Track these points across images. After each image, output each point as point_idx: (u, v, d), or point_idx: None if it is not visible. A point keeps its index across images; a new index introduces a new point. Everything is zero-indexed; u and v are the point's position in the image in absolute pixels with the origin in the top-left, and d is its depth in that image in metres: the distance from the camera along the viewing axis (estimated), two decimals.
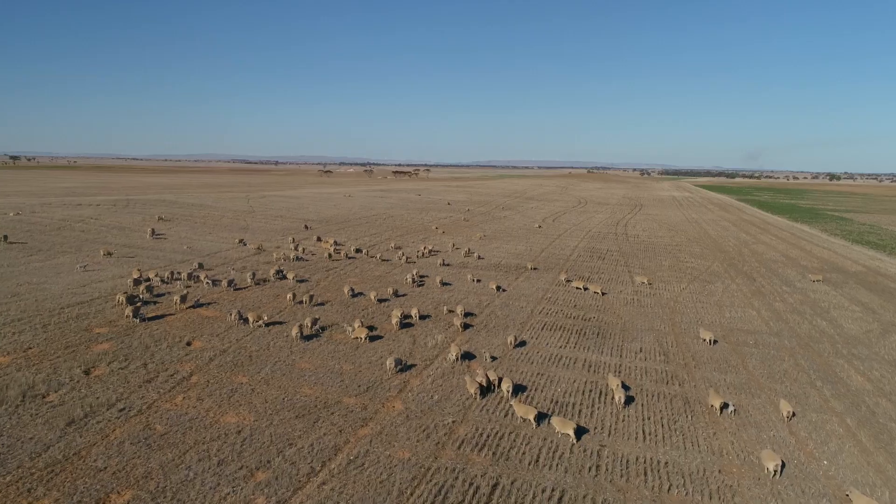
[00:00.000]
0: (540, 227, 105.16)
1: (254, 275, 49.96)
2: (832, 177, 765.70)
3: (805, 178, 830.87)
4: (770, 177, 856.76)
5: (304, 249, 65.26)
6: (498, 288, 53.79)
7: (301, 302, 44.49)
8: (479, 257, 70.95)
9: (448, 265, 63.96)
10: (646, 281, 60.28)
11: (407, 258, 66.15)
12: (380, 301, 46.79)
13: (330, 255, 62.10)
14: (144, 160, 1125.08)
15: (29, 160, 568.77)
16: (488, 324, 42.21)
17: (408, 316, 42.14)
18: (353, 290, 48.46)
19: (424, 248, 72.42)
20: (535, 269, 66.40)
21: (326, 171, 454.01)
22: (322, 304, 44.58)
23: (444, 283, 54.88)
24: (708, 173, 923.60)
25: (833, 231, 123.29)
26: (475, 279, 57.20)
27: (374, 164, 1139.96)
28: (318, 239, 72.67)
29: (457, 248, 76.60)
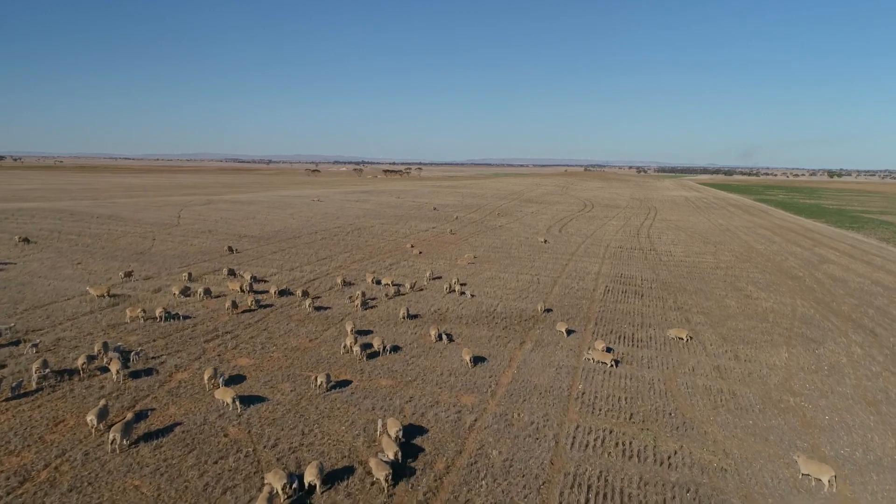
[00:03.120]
0: (545, 241, 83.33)
1: (45, 365, 27.39)
2: (831, 174, 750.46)
3: (802, 174, 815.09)
4: (767, 174, 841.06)
5: (200, 292, 42.93)
6: (475, 360, 31.95)
7: (114, 424, 22.36)
8: (461, 293, 49.15)
9: (415, 317, 41.88)
10: (684, 336, 39.20)
11: (364, 300, 44.13)
12: (238, 407, 24.66)
13: (235, 304, 39.85)
14: (137, 160, 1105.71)
15: (15, 160, 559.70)
16: (472, 499, 20.24)
17: (299, 481, 20.04)
18: (221, 373, 26.42)
19: (385, 282, 50.42)
20: (548, 311, 44.91)
21: (314, 171, 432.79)
22: (139, 442, 22.37)
23: (395, 350, 32.98)
24: (704, 171, 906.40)
25: (894, 240, 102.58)
26: (444, 337, 35.29)
27: (368, 162, 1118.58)
28: (231, 273, 50.13)
29: (436, 279, 54.73)
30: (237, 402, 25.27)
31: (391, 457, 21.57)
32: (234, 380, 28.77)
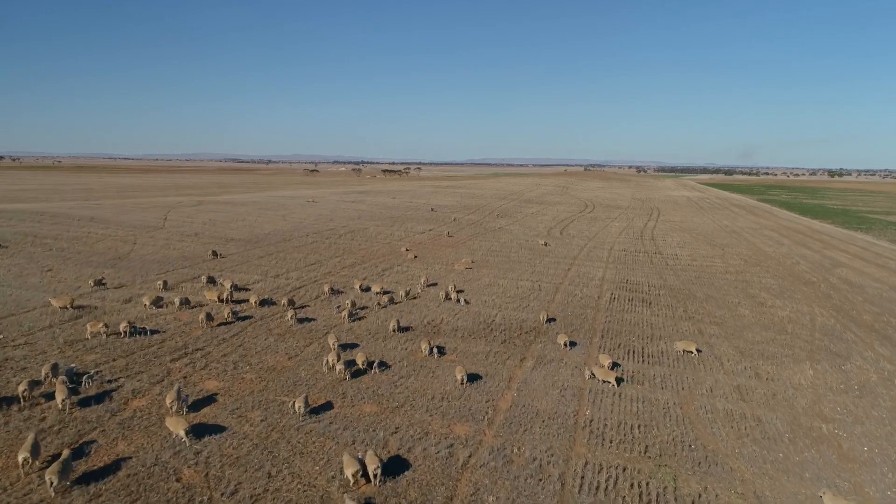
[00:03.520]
0: (546, 244, 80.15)
1: None
2: (831, 173, 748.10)
3: (803, 174, 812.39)
4: (768, 173, 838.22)
5: (177, 302, 39.75)
6: (472, 379, 28.64)
7: (49, 466, 19.23)
8: (457, 300, 46.19)
9: (407, 329, 38.67)
10: (693, 350, 36.24)
11: (352, 309, 40.92)
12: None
13: (209, 317, 36.61)
14: (137, 160, 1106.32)
15: (14, 160, 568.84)
16: None
17: None
18: (185, 395, 23.06)
19: (375, 289, 47.25)
20: (551, 320, 41.93)
21: (313, 171, 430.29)
22: (73, 487, 19.12)
23: (383, 367, 29.75)
24: (704, 170, 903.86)
25: None
26: (436, 350, 31.95)
27: (368, 162, 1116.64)
28: (210, 280, 46.87)
29: (431, 285, 51.54)
30: (189, 436, 22.06)
31: (350, 478, 19.27)
32: (198, 405, 25.57)
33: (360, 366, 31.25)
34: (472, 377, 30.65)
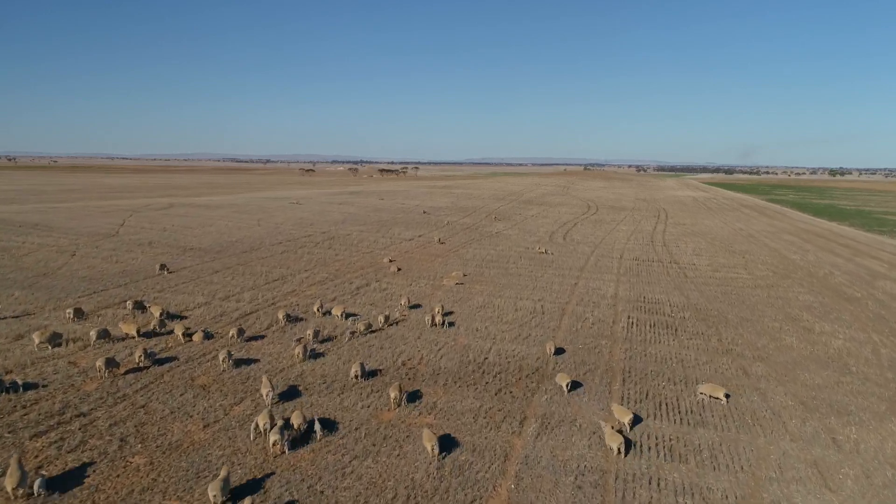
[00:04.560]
0: (547, 252, 71.75)
1: None
2: (832, 172, 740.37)
3: (803, 173, 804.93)
4: (768, 172, 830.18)
5: (93, 336, 31.27)
6: (452, 459, 20.21)
7: None
8: (443, 324, 38.27)
9: (373, 374, 30.18)
10: (721, 396, 28.39)
11: (310, 343, 32.66)
12: None
13: (111, 363, 27.98)
14: (135, 160, 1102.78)
15: (10, 160, 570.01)
16: None
17: None
18: (40, 475, 14.78)
19: (335, 313, 38.85)
20: (559, 351, 33.92)
21: (309, 171, 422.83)
22: None
23: (331, 430, 21.33)
24: (704, 169, 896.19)
25: None
26: (404, 401, 23.58)
27: (368, 162, 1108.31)
28: (138, 306, 38.11)
29: (413, 307, 43.16)
30: None
31: None
32: None
33: (296, 427, 23.19)
34: (453, 444, 22.55)
